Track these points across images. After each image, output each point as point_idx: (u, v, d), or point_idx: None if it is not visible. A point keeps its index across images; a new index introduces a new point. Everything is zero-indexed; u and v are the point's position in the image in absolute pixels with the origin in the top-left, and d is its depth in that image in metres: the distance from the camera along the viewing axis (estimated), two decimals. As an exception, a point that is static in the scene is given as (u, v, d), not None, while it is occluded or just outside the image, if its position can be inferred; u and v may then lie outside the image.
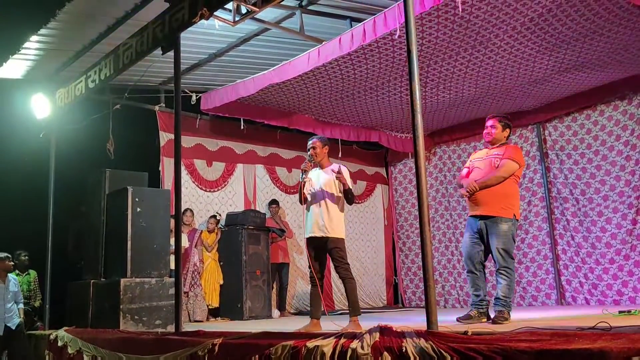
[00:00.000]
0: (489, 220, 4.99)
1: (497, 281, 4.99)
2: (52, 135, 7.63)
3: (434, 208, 10.74)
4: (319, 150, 5.46)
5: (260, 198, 9.95)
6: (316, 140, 5.52)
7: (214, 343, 4.33)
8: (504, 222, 4.95)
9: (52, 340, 6.40)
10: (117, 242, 6.42)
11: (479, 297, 5.08)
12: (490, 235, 4.98)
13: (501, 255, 4.91)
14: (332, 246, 5.24)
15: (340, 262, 5.25)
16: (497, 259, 4.94)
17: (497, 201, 4.98)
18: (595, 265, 8.60)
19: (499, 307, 4.88)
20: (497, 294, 4.95)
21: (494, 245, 4.95)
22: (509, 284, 4.92)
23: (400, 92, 8.20)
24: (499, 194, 4.99)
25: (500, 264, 4.92)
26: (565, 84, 8.20)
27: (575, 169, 9.00)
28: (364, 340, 3.34)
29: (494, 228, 4.95)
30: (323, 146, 5.50)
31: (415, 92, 3.35)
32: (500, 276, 4.94)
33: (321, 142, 5.50)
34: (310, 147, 5.49)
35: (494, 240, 4.94)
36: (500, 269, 4.93)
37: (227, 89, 8.07)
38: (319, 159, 5.46)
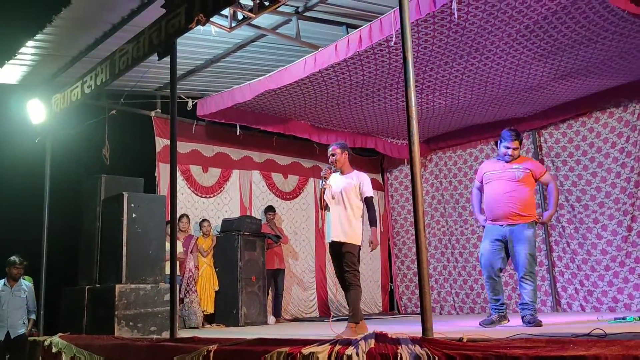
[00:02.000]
0: (515, 227, 5.08)
1: (523, 287, 5.09)
2: (48, 140, 7.60)
3: (429, 214, 10.75)
4: (338, 157, 5.55)
5: (256, 204, 9.94)
6: (335, 147, 5.61)
7: (209, 350, 4.31)
8: (529, 227, 5.11)
9: (47, 346, 6.35)
10: (113, 248, 6.40)
11: (499, 302, 5.16)
12: (517, 241, 5.09)
13: (528, 260, 5.03)
14: (345, 250, 5.32)
15: (351, 267, 5.32)
16: (523, 265, 5.04)
17: (523, 208, 5.10)
18: (591, 272, 8.61)
19: (530, 311, 4.99)
20: (524, 300, 5.07)
21: (521, 250, 5.05)
22: (534, 289, 5.12)
23: (396, 99, 8.22)
24: (523, 201, 5.11)
25: (527, 269, 5.04)
26: (560, 91, 8.23)
27: (571, 175, 9.02)
28: (359, 347, 3.34)
29: (521, 234, 5.08)
30: (342, 152, 5.58)
31: (410, 99, 3.36)
32: (527, 281, 5.05)
33: (340, 149, 5.59)
34: (330, 154, 5.58)
35: (522, 245, 5.06)
36: (527, 274, 5.05)
37: (223, 95, 8.08)
38: (340, 165, 5.56)
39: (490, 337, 3.06)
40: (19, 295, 6.83)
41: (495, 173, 5.36)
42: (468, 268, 10.13)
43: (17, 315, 6.73)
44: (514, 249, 5.12)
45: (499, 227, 5.19)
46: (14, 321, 6.68)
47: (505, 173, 5.28)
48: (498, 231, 5.19)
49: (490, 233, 5.25)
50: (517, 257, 5.10)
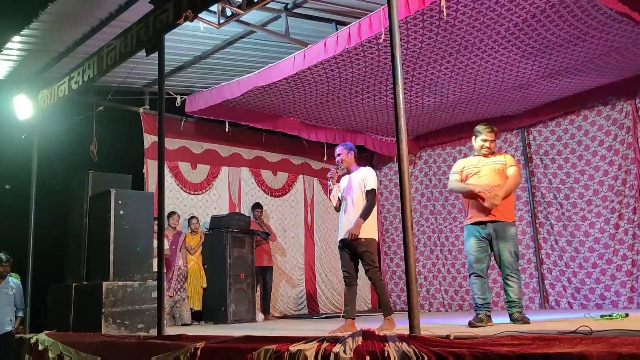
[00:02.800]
0: (498, 225, 5.09)
1: (508, 284, 5.10)
2: (35, 136, 7.53)
3: (419, 212, 10.77)
4: (344, 157, 5.69)
5: (245, 201, 9.91)
6: (341, 148, 5.75)
7: (196, 347, 4.29)
8: (512, 226, 5.16)
9: (33, 344, 6.31)
10: (100, 245, 6.36)
11: (485, 300, 5.14)
12: (500, 239, 5.09)
13: (513, 258, 5.04)
14: (363, 249, 5.35)
15: (370, 265, 5.36)
16: (508, 263, 5.05)
17: (505, 206, 5.12)
18: (579, 270, 8.66)
19: (517, 309, 5.01)
20: (511, 297, 5.08)
21: (506, 248, 5.07)
22: (520, 286, 5.15)
23: (385, 96, 8.22)
24: (507, 200, 5.13)
25: (512, 267, 5.06)
26: (549, 89, 8.26)
27: (559, 173, 9.06)
28: (347, 345, 3.33)
29: (505, 232, 5.09)
30: (348, 152, 5.72)
31: (399, 96, 3.35)
32: (512, 279, 5.07)
33: (346, 149, 5.73)
34: (336, 155, 5.73)
35: (506, 244, 5.07)
36: (512, 272, 5.07)
37: (212, 92, 8.05)
38: (346, 165, 5.70)
39: (477, 335, 3.06)
40: (7, 292, 6.77)
41: (474, 168, 5.35)
42: (457, 265, 10.16)
43: (4, 312, 6.67)
44: (498, 247, 5.12)
45: (482, 225, 5.19)
46: (1, 318, 6.62)
47: (488, 166, 5.27)
48: (483, 230, 5.19)
49: (474, 231, 5.25)
50: (502, 256, 5.12)
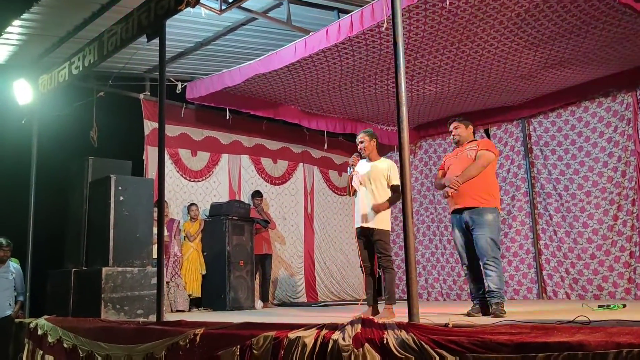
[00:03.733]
0: (474, 212, 5.00)
1: (486, 273, 4.95)
2: (34, 122, 7.52)
3: (419, 201, 10.77)
4: (367, 144, 5.62)
5: (245, 189, 9.91)
6: (364, 134, 5.67)
7: (195, 333, 4.31)
8: (489, 212, 4.99)
9: (32, 328, 6.34)
10: (100, 231, 6.37)
11: (480, 290, 5.09)
12: (476, 226, 4.98)
13: (489, 245, 4.90)
14: (377, 238, 5.39)
15: (383, 254, 5.42)
16: (484, 250, 4.91)
17: (479, 192, 5.01)
18: (577, 261, 8.68)
19: (496, 300, 4.87)
20: (489, 287, 4.92)
21: (482, 235, 4.93)
22: (500, 275, 4.93)
23: (386, 85, 8.20)
24: (480, 185, 5.03)
25: (488, 255, 4.90)
26: (550, 80, 8.24)
27: (559, 164, 9.06)
28: (346, 332, 3.35)
29: (480, 219, 4.96)
30: (371, 139, 5.65)
31: (400, 85, 3.35)
32: (490, 267, 4.91)
33: (369, 136, 5.66)
34: (359, 142, 5.65)
35: (482, 230, 4.94)
36: (489, 259, 4.90)
37: (213, 78, 8.03)
38: (368, 152, 5.63)
39: (475, 324, 3.07)
40: (6, 277, 6.78)
41: (452, 158, 5.38)
42: (456, 255, 10.09)
43: (3, 296, 6.69)
44: (474, 234, 5.04)
45: (459, 214, 5.15)
46: (1, 302, 6.64)
47: (461, 155, 5.26)
48: (461, 218, 5.15)
49: (455, 222, 5.23)
50: (477, 243, 5.02)
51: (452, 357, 2.78)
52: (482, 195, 5.04)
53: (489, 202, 5.02)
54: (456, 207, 5.13)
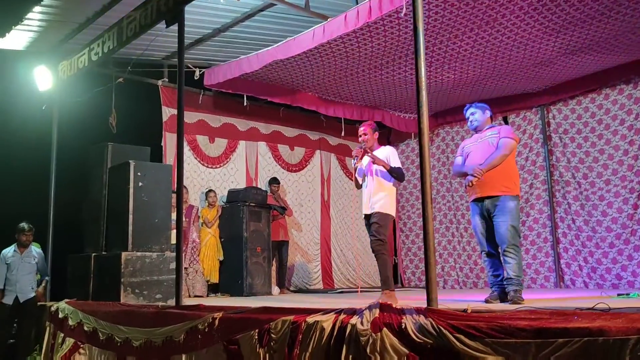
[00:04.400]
0: (495, 200, 4.97)
1: (506, 261, 4.93)
2: (55, 108, 7.60)
3: (435, 189, 10.73)
4: (369, 137, 5.71)
5: (262, 175, 9.94)
6: (367, 127, 5.75)
7: (214, 317, 4.35)
8: (510, 199, 4.95)
9: (53, 312, 6.45)
10: (119, 216, 6.43)
11: (499, 277, 5.07)
12: (497, 214, 4.94)
13: (510, 232, 4.86)
14: (374, 220, 5.41)
15: (375, 236, 5.40)
16: (505, 237, 4.88)
17: (501, 180, 4.97)
18: (595, 249, 8.61)
19: (514, 287, 4.85)
20: (508, 274, 4.89)
21: (503, 222, 4.90)
22: (519, 262, 4.90)
23: (405, 72, 8.15)
24: (501, 173, 4.98)
25: (509, 242, 4.87)
26: (571, 67, 8.14)
27: (579, 152, 8.97)
28: (364, 317, 3.36)
29: (502, 206, 4.92)
30: (373, 132, 5.77)
31: (420, 69, 3.33)
32: (510, 255, 4.88)
33: (371, 129, 5.77)
34: (361, 134, 5.72)
35: (503, 217, 4.90)
36: (509, 246, 4.87)
37: (231, 65, 8.03)
38: (369, 144, 5.70)
39: (494, 309, 3.07)
40: (29, 261, 6.88)
41: (472, 144, 5.31)
42: (473, 243, 10.13)
43: (26, 280, 6.79)
44: (495, 221, 5.00)
45: (480, 202, 5.10)
46: (23, 286, 6.74)
47: (482, 142, 5.19)
48: (482, 206, 5.11)
49: (475, 209, 5.19)
50: (498, 230, 4.98)
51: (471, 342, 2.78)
52: (503, 183, 5.00)
53: (510, 190, 4.99)
54: (478, 196, 5.10)
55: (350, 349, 3.31)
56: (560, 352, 2.48)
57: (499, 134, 5.13)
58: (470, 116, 5.35)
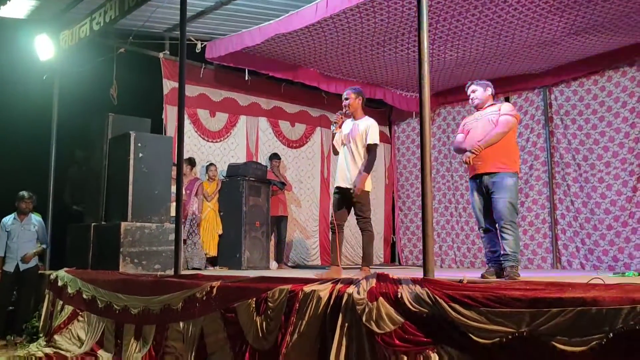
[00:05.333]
0: (493, 176, 4.97)
1: (502, 237, 4.92)
2: (56, 78, 7.58)
3: (435, 169, 10.73)
4: (352, 102, 5.48)
5: (263, 151, 9.93)
6: (350, 91, 5.54)
7: (212, 286, 4.40)
8: (509, 176, 4.94)
9: (53, 280, 6.50)
10: (119, 187, 6.46)
11: (496, 253, 5.08)
12: (496, 189, 4.94)
13: (508, 209, 4.86)
14: (357, 200, 5.33)
15: (361, 216, 5.38)
16: (502, 213, 4.88)
17: (500, 157, 4.96)
18: (593, 231, 8.65)
19: (510, 263, 4.86)
20: (505, 250, 4.90)
21: (501, 198, 4.89)
22: (516, 239, 4.90)
23: (407, 49, 8.12)
24: (500, 150, 4.97)
25: (506, 218, 4.87)
26: (574, 47, 8.10)
27: (579, 134, 8.97)
28: (360, 286, 3.40)
29: (500, 183, 4.92)
30: (357, 97, 5.51)
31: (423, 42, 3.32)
32: (507, 231, 4.88)
33: (355, 94, 5.52)
34: (344, 98, 5.52)
35: (501, 193, 4.90)
36: (506, 223, 4.88)
37: (233, 38, 7.99)
38: (352, 110, 5.50)
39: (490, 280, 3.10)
40: (28, 229, 6.89)
41: (472, 122, 5.29)
42: (471, 222, 10.16)
43: (26, 248, 6.81)
44: (493, 197, 5.00)
45: (479, 178, 5.10)
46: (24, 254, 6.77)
47: (482, 119, 5.16)
48: (480, 183, 5.11)
49: (474, 186, 5.19)
50: (496, 206, 4.99)
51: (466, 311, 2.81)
52: (502, 160, 4.99)
53: (509, 167, 4.98)
54: (476, 173, 5.10)
55: (347, 317, 3.35)
56: (554, 321, 2.52)
57: (499, 111, 5.12)
58: (471, 93, 5.33)
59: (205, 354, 4.36)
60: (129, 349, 5.06)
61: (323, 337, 3.49)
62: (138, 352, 4.95)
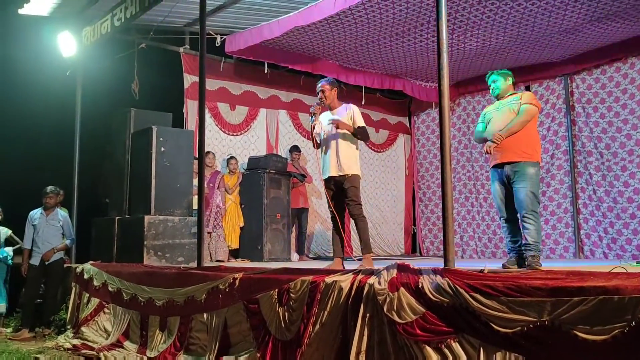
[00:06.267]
0: (515, 166, 4.96)
1: (524, 227, 4.92)
2: (78, 73, 7.69)
3: (455, 159, 10.69)
4: (327, 93, 5.44)
5: (283, 143, 9.98)
6: (324, 83, 5.51)
7: (234, 277, 4.45)
8: (530, 165, 4.93)
9: (79, 273, 6.61)
10: (142, 181, 6.54)
11: (518, 243, 5.07)
12: (517, 180, 4.93)
13: (529, 198, 4.86)
14: (349, 185, 5.27)
15: (354, 200, 5.28)
16: (524, 203, 4.88)
17: (521, 146, 4.95)
18: (616, 220, 8.57)
19: (532, 252, 4.86)
20: (526, 240, 4.90)
21: (522, 188, 4.89)
22: (537, 228, 4.89)
23: (426, 39, 8.09)
24: (522, 139, 4.95)
25: (528, 208, 4.87)
26: (596, 35, 8.01)
27: (602, 122, 8.87)
28: (382, 276, 3.43)
29: (522, 172, 4.91)
30: (332, 88, 5.48)
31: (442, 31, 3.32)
32: (529, 221, 4.88)
33: (329, 85, 5.49)
34: (319, 91, 5.49)
35: (523, 183, 4.90)
36: (528, 212, 4.87)
37: (252, 31, 8.02)
38: (329, 101, 5.47)
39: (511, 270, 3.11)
40: (54, 223, 7.00)
41: (493, 111, 5.25)
42: (492, 213, 10.13)
43: (52, 242, 6.92)
44: (514, 187, 4.99)
45: (500, 168, 5.08)
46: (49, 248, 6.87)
47: (503, 109, 5.14)
48: (501, 172, 5.09)
49: (495, 176, 5.17)
50: (518, 196, 4.97)
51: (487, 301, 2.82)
52: (524, 149, 4.98)
53: (530, 156, 4.97)
54: (497, 162, 5.08)
55: (368, 307, 3.38)
56: (575, 310, 2.52)
57: (520, 100, 5.10)
58: (492, 83, 5.30)
59: (229, 344, 4.42)
60: (154, 340, 5.15)
61: (344, 327, 3.52)
62: (163, 343, 5.03)
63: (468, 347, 2.92)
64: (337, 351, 3.54)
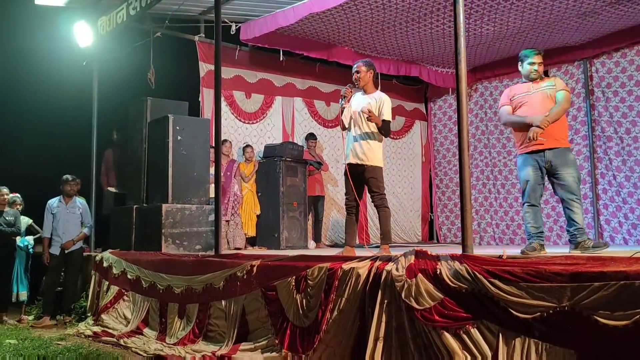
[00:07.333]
0: (557, 152, 4.93)
1: (573, 211, 4.89)
2: (95, 63, 7.73)
3: (472, 145, 10.61)
4: (363, 75, 5.28)
5: (299, 131, 9.97)
6: (361, 64, 5.35)
7: (252, 264, 4.47)
8: (569, 151, 4.96)
9: (98, 261, 6.69)
10: (159, 169, 6.58)
11: (539, 229, 5.05)
12: (561, 166, 4.90)
13: (576, 183, 4.87)
14: (369, 176, 5.20)
15: (376, 192, 5.25)
16: (572, 188, 4.86)
17: (559, 132, 4.94)
18: (637, 206, 8.46)
19: (585, 236, 4.85)
20: (577, 225, 4.86)
21: (569, 174, 4.88)
22: (582, 213, 4.92)
23: (443, 24, 8.01)
24: (559, 125, 4.95)
25: (575, 193, 4.86)
26: (616, 17, 7.87)
27: (622, 106, 8.74)
28: (399, 263, 3.42)
29: (564, 158, 4.90)
30: (368, 70, 5.31)
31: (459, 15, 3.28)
32: (578, 205, 4.87)
33: (366, 67, 5.32)
34: (354, 71, 5.32)
35: (568, 169, 4.88)
36: (578, 197, 4.88)
37: (267, 19, 7.99)
38: (363, 83, 5.31)
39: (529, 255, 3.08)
40: (73, 211, 7.07)
41: (524, 95, 5.14)
42: (510, 199, 10.07)
43: (71, 230, 6.99)
44: (560, 173, 4.95)
45: (539, 154, 5.03)
46: (69, 236, 6.94)
47: (538, 93, 5.05)
48: (540, 158, 5.03)
49: (530, 160, 5.09)
50: (566, 181, 4.94)
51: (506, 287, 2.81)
52: (561, 135, 4.98)
53: (567, 143, 5.00)
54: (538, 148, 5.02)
55: (386, 294, 3.38)
56: (596, 295, 2.50)
57: (554, 85, 5.03)
58: (538, 66, 5.13)
59: (247, 331, 4.46)
60: (173, 327, 5.20)
61: (362, 313, 3.53)
62: (182, 330, 5.08)
63: (487, 333, 2.91)
64: (355, 337, 3.55)
